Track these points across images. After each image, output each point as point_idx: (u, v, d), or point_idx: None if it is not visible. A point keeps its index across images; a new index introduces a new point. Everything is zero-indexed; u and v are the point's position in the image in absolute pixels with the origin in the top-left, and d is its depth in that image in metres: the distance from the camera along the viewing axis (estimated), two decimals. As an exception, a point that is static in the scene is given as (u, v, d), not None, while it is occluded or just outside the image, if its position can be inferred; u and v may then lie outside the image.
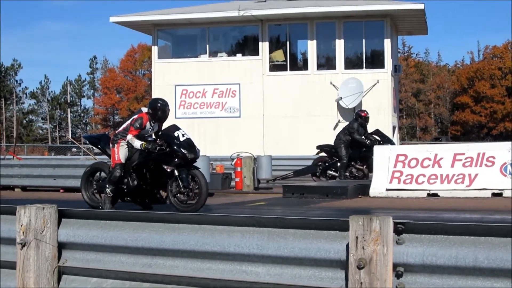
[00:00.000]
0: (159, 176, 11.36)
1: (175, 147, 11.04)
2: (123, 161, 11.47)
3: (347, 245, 3.98)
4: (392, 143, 18.45)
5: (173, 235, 4.55)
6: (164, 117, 11.57)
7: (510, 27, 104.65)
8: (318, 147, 18.88)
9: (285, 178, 19.29)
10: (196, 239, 4.46)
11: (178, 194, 11.16)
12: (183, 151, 11.01)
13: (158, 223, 4.66)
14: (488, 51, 75.62)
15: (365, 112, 18.37)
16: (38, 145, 69.52)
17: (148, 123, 11.45)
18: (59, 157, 33.62)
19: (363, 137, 17.75)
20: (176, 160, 11.08)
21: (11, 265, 5.03)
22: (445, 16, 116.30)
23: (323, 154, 18.76)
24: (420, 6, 26.64)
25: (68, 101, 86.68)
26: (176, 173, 11.12)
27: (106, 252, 4.82)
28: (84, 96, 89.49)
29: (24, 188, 18.21)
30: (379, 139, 17.87)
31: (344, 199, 14.02)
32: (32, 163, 19.27)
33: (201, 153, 11.79)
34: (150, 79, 42.57)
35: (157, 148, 11.07)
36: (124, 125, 11.70)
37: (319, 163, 18.63)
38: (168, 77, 28.85)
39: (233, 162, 18.76)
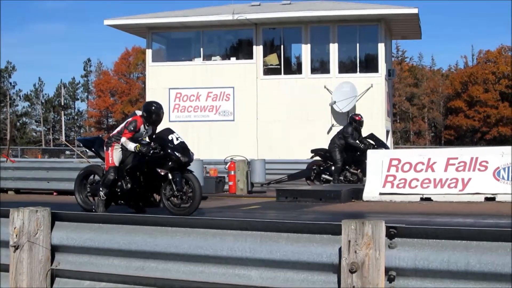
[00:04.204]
0: (153, 179, 11.33)
1: (169, 151, 11.02)
2: (117, 164, 11.44)
3: (340, 249, 3.98)
4: (386, 147, 18.47)
5: (166, 239, 4.55)
6: (158, 120, 11.55)
7: (505, 31, 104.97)
8: (312, 151, 18.88)
9: (279, 182, 19.29)
10: (189, 242, 4.46)
11: (172, 198, 11.13)
12: (177, 154, 10.99)
13: (151, 226, 4.66)
14: (481, 55, 75.86)
15: (359, 116, 18.34)
16: (31, 147, 69.33)
17: (142, 126, 11.43)
18: (52, 160, 33.49)
19: (357, 141, 17.76)
20: (170, 163, 11.05)
21: (4, 268, 5.02)
22: (439, 20, 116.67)
23: (317, 158, 18.77)
24: (414, 11, 26.73)
25: (62, 104, 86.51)
26: (170, 176, 11.09)
27: (99, 255, 4.81)
28: (78, 99, 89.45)
29: (17, 191, 18.15)
30: (373, 143, 17.88)
31: (338, 203, 14.01)
32: (26, 165, 19.22)
33: (194, 157, 11.78)
34: (144, 82, 42.52)
35: (151, 151, 11.03)
36: (118, 128, 11.68)
37: (314, 167, 18.62)
38: (162, 80, 28.84)
39: (227, 166, 18.74)
